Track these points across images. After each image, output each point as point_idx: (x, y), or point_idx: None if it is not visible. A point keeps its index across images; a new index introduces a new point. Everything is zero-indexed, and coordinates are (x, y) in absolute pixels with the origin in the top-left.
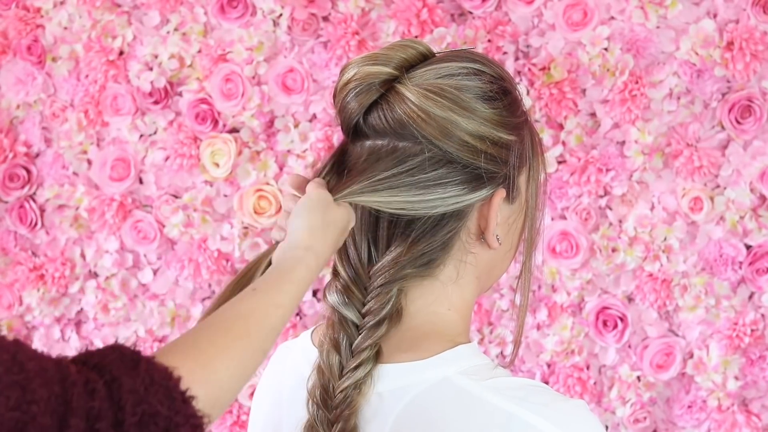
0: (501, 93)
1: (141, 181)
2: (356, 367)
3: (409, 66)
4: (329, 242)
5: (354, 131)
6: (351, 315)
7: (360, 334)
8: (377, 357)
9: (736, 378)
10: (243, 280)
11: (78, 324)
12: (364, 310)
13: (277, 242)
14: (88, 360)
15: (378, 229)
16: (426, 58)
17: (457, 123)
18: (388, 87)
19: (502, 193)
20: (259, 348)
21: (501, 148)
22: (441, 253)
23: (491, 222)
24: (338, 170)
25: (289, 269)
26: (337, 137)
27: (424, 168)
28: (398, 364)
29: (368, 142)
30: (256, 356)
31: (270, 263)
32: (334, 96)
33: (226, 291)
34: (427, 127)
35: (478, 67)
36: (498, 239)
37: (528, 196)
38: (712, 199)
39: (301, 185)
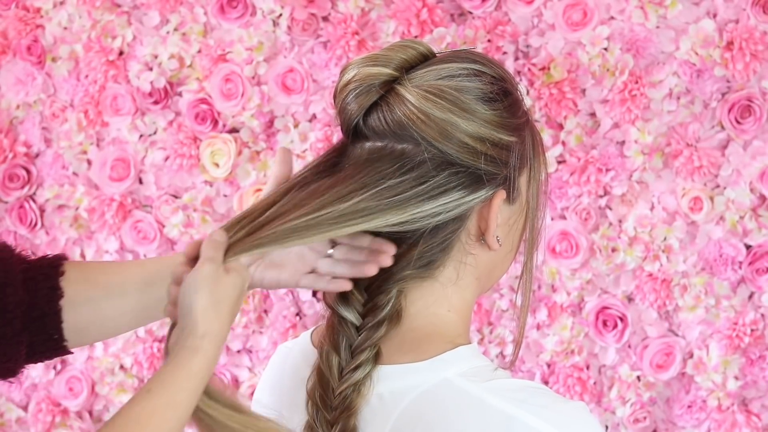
0: (501, 94)
1: (141, 182)
2: (356, 369)
3: (409, 67)
4: (224, 319)
5: (354, 132)
6: (350, 316)
7: (359, 335)
8: (377, 358)
9: (736, 378)
10: None
11: None
12: (363, 311)
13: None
14: None
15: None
16: (426, 58)
17: (457, 125)
18: (388, 88)
19: (502, 194)
20: None
21: (501, 149)
22: (441, 254)
23: (491, 223)
24: (334, 170)
25: (185, 362)
26: (337, 137)
27: (423, 177)
28: (398, 365)
29: (368, 144)
30: None
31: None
32: (335, 97)
33: None
34: (427, 128)
35: (479, 67)
36: (498, 240)
37: (529, 196)
38: (711, 199)
39: (194, 252)
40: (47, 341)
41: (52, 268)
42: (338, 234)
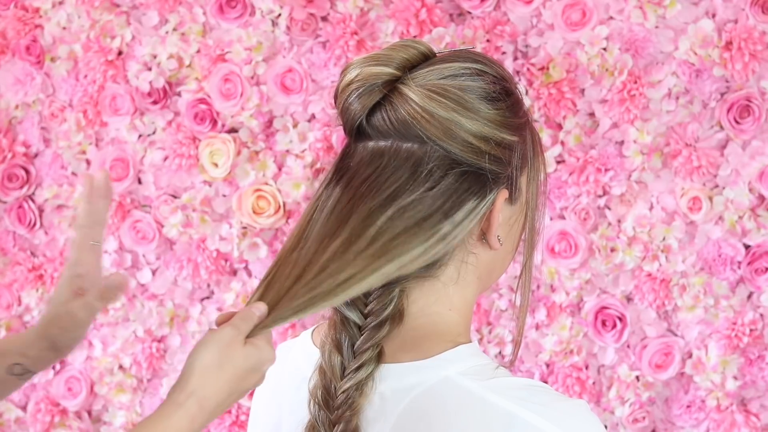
0: (504, 93)
1: (140, 181)
2: (358, 368)
3: (411, 66)
4: (222, 384)
5: (357, 132)
6: (353, 316)
7: (362, 335)
8: (379, 358)
9: (735, 378)
10: None
11: None
12: (366, 311)
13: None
14: None
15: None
16: (427, 58)
17: (461, 124)
18: (391, 88)
19: (504, 194)
20: None
21: (504, 148)
22: (443, 254)
23: (494, 223)
24: (341, 176)
25: (165, 416)
26: (336, 137)
27: (434, 187)
28: (399, 364)
29: (371, 143)
30: None
31: None
32: (336, 97)
33: None
34: (431, 127)
35: (481, 67)
36: (499, 240)
37: (528, 196)
38: (710, 198)
39: (226, 321)
40: None
41: None
42: (366, 289)
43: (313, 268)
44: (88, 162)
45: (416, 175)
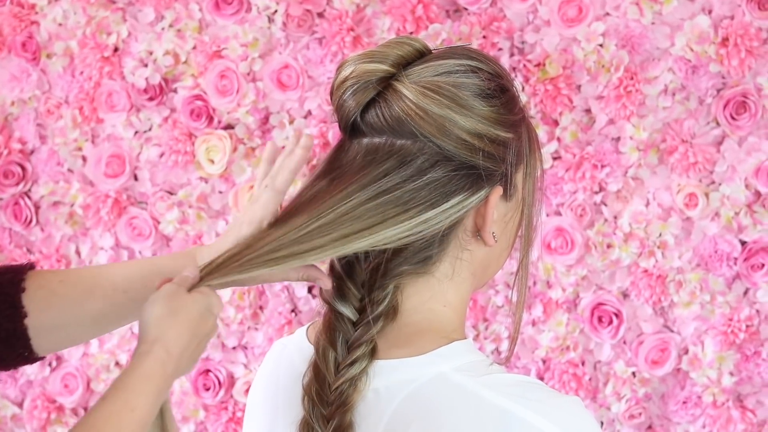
0: (499, 90)
1: (136, 178)
2: (352, 364)
3: (405, 63)
4: (181, 328)
5: (351, 129)
6: (347, 311)
7: (356, 331)
8: (373, 353)
9: (731, 374)
10: None
11: None
12: (360, 307)
13: None
14: None
15: None
16: (422, 54)
17: (455, 121)
18: (386, 85)
19: (499, 190)
20: None
21: (499, 145)
22: (437, 250)
23: (488, 220)
24: (331, 171)
25: (136, 366)
26: (333, 134)
27: (423, 176)
28: (394, 360)
29: (365, 140)
30: None
31: None
32: (331, 94)
33: None
34: (425, 124)
35: (476, 64)
36: (494, 236)
37: (525, 193)
38: (707, 195)
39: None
40: (17, 358)
41: (12, 285)
42: (330, 255)
43: (271, 240)
44: (84, 159)
45: (403, 165)
